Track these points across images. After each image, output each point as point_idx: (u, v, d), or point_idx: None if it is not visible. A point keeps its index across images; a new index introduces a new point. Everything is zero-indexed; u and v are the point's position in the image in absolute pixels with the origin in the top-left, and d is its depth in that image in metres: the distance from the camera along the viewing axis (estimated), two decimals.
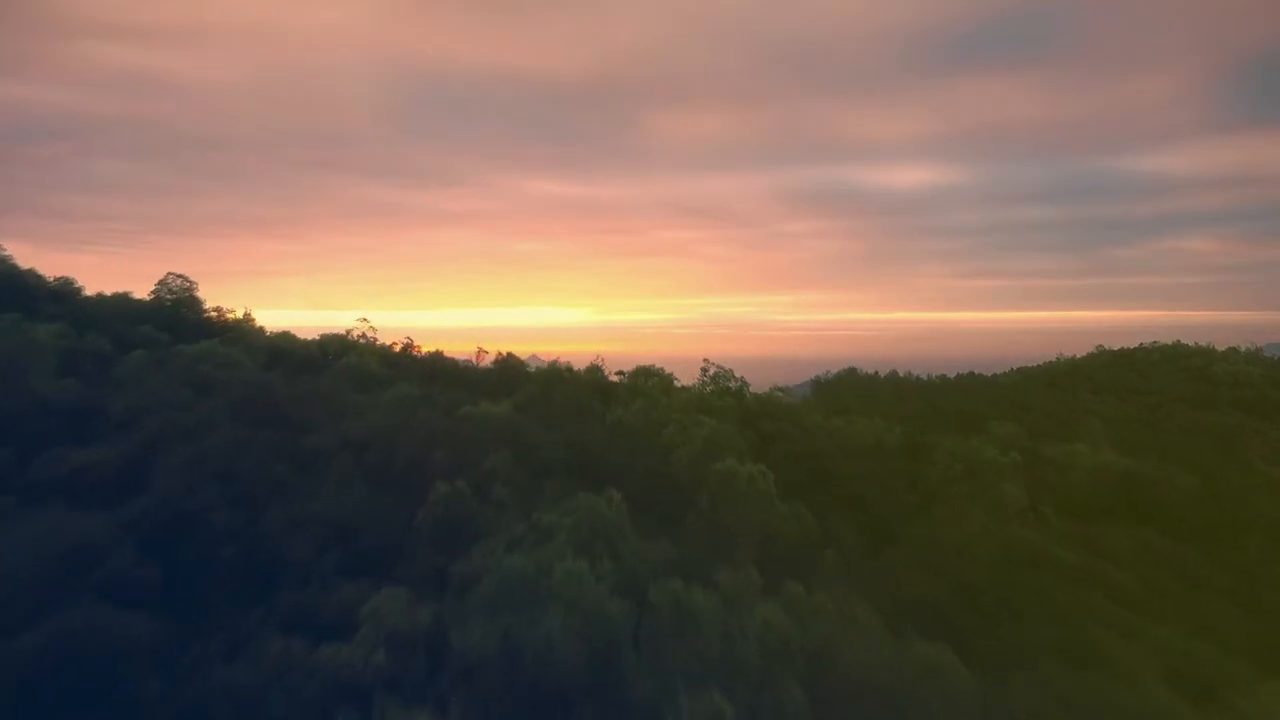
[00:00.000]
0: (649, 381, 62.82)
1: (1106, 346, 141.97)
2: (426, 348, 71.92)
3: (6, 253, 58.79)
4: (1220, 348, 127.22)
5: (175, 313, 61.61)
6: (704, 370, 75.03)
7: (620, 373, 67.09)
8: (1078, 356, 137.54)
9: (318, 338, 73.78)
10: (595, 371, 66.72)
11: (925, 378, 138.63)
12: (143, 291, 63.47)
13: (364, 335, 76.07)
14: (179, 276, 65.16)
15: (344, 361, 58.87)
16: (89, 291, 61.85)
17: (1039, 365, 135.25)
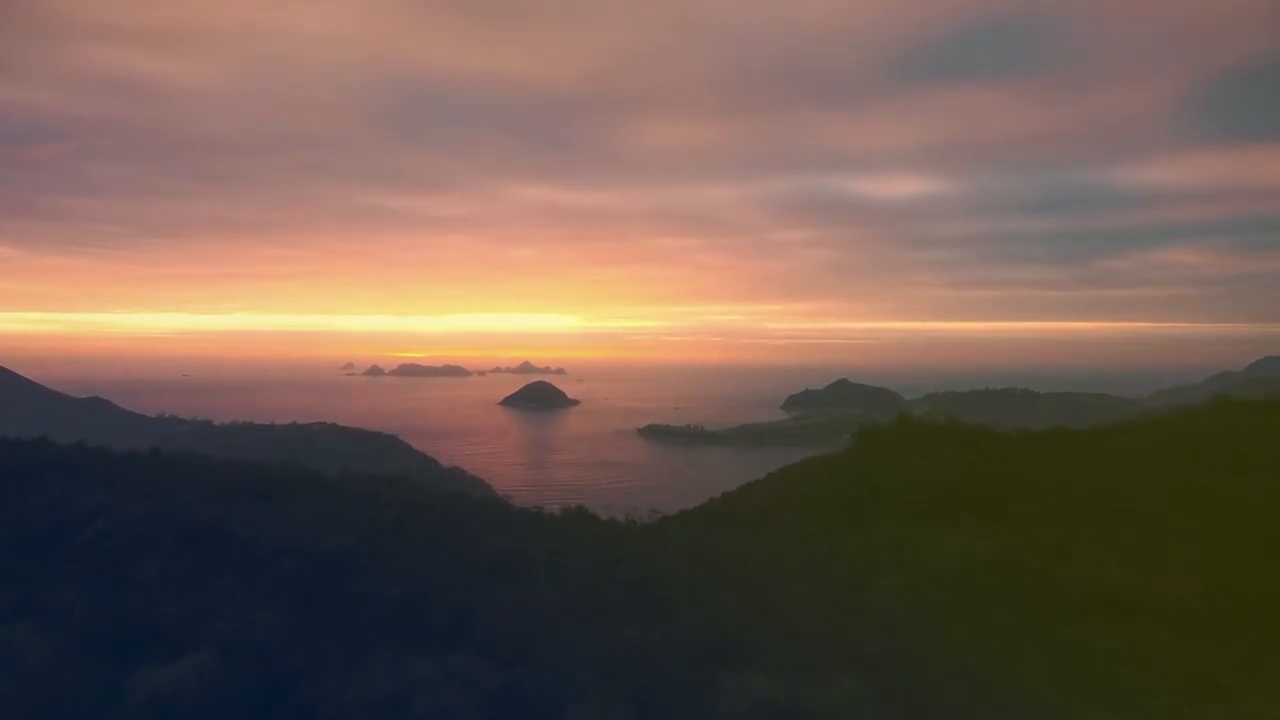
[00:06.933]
0: None
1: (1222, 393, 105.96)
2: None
3: None
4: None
5: None
6: None
7: None
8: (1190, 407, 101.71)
9: None
10: None
11: (1001, 428, 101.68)
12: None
13: None
14: None
15: None
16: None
17: (1153, 420, 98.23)
